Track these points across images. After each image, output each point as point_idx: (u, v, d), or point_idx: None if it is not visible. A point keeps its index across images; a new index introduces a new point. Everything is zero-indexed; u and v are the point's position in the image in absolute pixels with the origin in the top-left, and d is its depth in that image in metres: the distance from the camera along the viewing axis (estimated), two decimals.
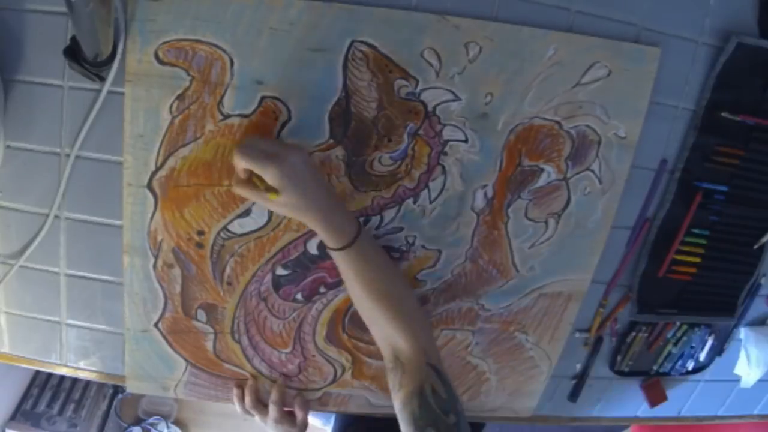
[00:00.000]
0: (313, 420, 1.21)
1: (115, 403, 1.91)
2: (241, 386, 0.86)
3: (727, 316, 0.91)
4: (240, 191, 0.67)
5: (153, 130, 0.69)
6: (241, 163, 0.63)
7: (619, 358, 0.92)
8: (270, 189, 0.63)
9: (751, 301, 0.91)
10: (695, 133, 0.77)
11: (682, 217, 0.81)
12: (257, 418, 0.86)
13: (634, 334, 0.90)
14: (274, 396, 0.84)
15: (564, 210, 0.79)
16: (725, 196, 0.81)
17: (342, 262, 0.70)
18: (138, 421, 1.96)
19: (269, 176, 0.61)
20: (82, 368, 0.85)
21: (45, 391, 1.81)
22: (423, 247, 0.79)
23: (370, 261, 0.70)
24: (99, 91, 0.68)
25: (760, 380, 0.97)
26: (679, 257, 0.84)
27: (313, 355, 0.85)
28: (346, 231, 0.67)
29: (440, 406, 0.65)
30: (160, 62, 0.66)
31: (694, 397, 1.00)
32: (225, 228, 0.75)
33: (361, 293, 0.71)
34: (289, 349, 0.84)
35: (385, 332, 0.71)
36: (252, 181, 0.66)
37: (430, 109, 0.71)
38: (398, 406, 0.67)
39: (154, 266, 0.77)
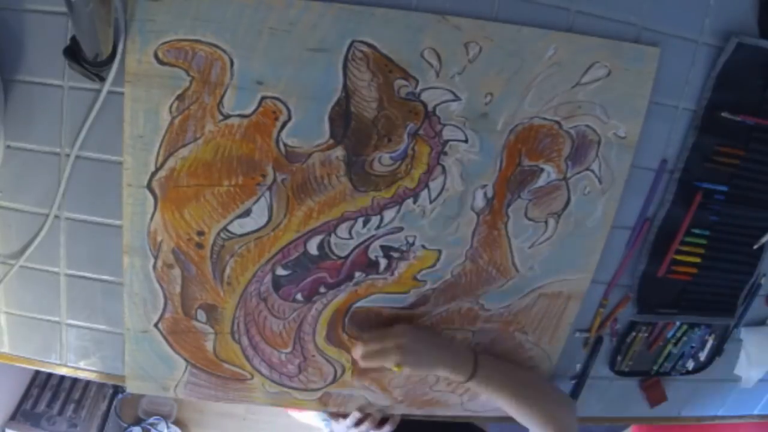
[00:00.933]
0: (313, 420, 1.21)
1: (115, 403, 1.91)
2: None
3: (727, 316, 0.91)
4: (368, 363, 0.79)
5: (153, 131, 0.69)
6: (371, 366, 0.80)
7: (619, 358, 0.92)
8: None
9: (751, 301, 0.91)
10: (695, 133, 0.77)
11: (682, 217, 0.81)
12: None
13: (634, 334, 0.90)
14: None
15: (564, 210, 0.79)
16: (725, 196, 0.81)
17: (476, 388, 0.81)
18: (138, 421, 1.96)
19: (392, 365, 0.77)
20: (82, 368, 0.85)
21: (45, 391, 1.81)
22: (423, 247, 0.79)
23: (499, 380, 0.81)
24: (99, 91, 0.68)
25: (760, 380, 0.97)
26: (679, 257, 0.84)
27: (313, 355, 0.85)
28: (466, 365, 0.80)
29: None
30: (160, 62, 0.66)
31: (694, 397, 1.00)
32: (225, 228, 0.75)
33: (502, 404, 0.82)
34: (289, 349, 0.84)
35: (532, 427, 0.82)
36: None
37: (430, 109, 0.71)
38: None
39: (154, 266, 0.77)
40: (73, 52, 0.61)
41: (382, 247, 0.78)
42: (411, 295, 0.82)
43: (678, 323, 0.91)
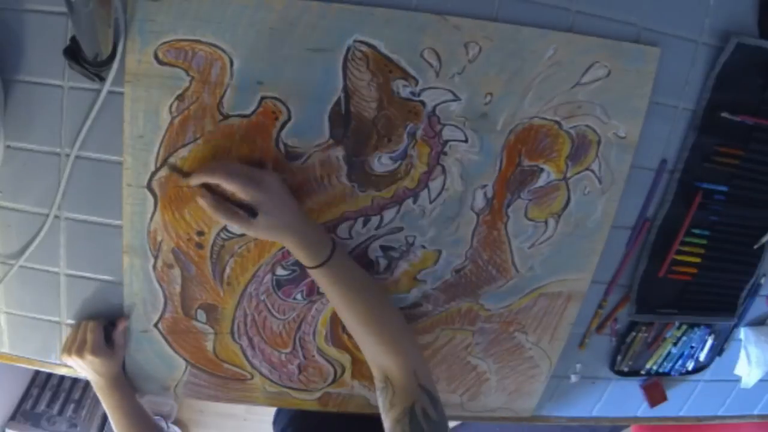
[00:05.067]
0: None
1: None
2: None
3: (727, 316, 0.91)
4: (217, 215, 0.67)
5: (153, 131, 0.69)
6: (223, 184, 0.65)
7: (619, 358, 0.92)
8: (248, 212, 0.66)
9: (751, 301, 0.91)
10: (695, 133, 0.77)
11: (682, 217, 0.81)
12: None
13: (634, 334, 0.90)
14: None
15: (564, 210, 0.79)
16: (725, 196, 0.81)
17: (320, 280, 0.71)
18: None
19: (251, 197, 0.65)
20: None
21: (45, 391, 1.81)
22: (423, 247, 0.79)
23: (347, 279, 0.72)
24: (99, 91, 0.68)
25: (760, 380, 0.97)
26: (679, 257, 0.84)
27: (313, 356, 0.85)
28: (321, 250, 0.70)
29: (431, 428, 0.65)
30: (160, 62, 0.66)
31: (694, 397, 1.00)
32: (225, 228, 0.75)
33: (343, 313, 0.72)
34: (288, 350, 0.84)
35: (373, 352, 0.71)
36: (226, 205, 0.68)
37: (430, 109, 0.71)
38: (389, 425, 0.67)
39: (154, 266, 0.77)
40: (73, 52, 0.61)
41: (382, 247, 0.78)
42: (411, 295, 0.82)
43: (678, 323, 0.91)
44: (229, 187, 0.65)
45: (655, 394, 0.96)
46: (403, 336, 0.72)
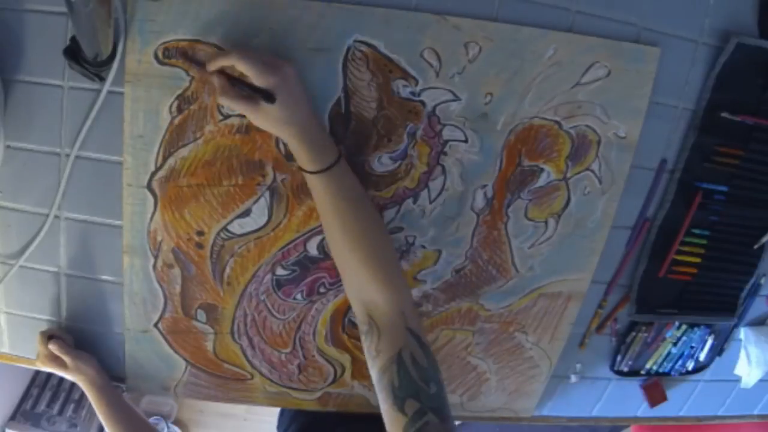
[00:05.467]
0: None
1: None
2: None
3: (727, 316, 0.91)
4: (226, 100, 0.63)
5: (153, 131, 0.69)
6: (240, 65, 0.60)
7: (619, 358, 0.92)
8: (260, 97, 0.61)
9: (751, 301, 0.91)
10: (695, 133, 0.77)
11: (682, 217, 0.81)
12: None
13: (634, 334, 0.90)
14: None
15: (564, 210, 0.79)
16: (725, 196, 0.81)
17: (317, 188, 0.66)
18: None
19: (266, 82, 0.60)
20: None
21: (45, 391, 1.81)
22: (423, 247, 0.79)
23: (347, 193, 0.66)
24: (99, 91, 0.68)
25: (760, 380, 0.97)
26: (679, 257, 0.84)
27: (313, 356, 0.85)
28: (326, 154, 0.64)
29: (421, 376, 0.59)
30: (160, 62, 0.66)
31: (694, 397, 1.00)
32: (225, 228, 0.75)
33: (334, 230, 0.66)
34: (288, 350, 0.84)
35: (359, 282, 0.65)
36: (236, 89, 0.63)
37: (430, 109, 0.71)
38: (375, 375, 0.62)
39: (154, 266, 0.77)
40: (73, 52, 0.61)
41: None
42: None
43: (678, 323, 0.91)
44: (245, 69, 0.60)
45: (655, 394, 0.96)
46: (394, 269, 0.66)
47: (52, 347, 0.77)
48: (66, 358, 0.78)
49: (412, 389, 0.59)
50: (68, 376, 0.80)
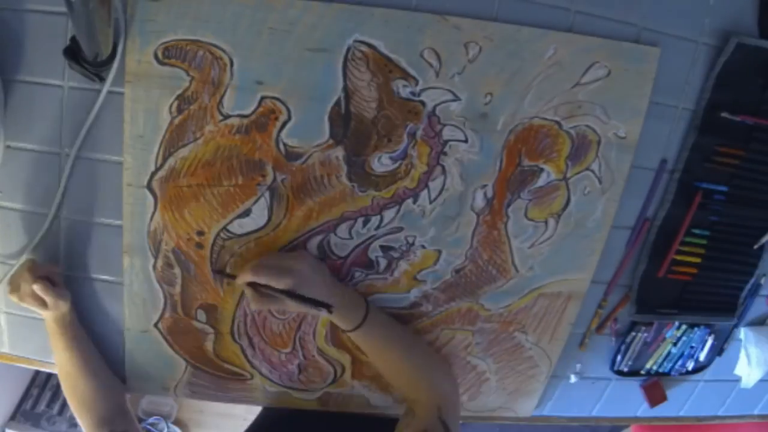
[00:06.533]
0: None
1: None
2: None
3: (727, 316, 0.91)
4: (258, 306, 0.73)
5: (153, 131, 0.69)
6: (260, 280, 0.70)
7: (619, 358, 0.92)
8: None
9: (751, 301, 0.91)
10: (695, 133, 0.77)
11: (682, 217, 0.81)
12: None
13: (634, 334, 0.90)
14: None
15: (564, 210, 0.79)
16: (725, 196, 0.81)
17: (357, 339, 0.78)
18: (138, 421, 1.96)
19: (285, 285, 0.69)
20: None
21: (45, 391, 1.82)
22: (423, 247, 0.79)
23: (382, 335, 0.79)
24: (99, 91, 0.68)
25: (760, 380, 0.97)
26: (679, 257, 0.84)
27: (313, 356, 0.85)
28: (356, 313, 0.76)
29: None
30: (160, 62, 0.66)
31: (694, 397, 1.00)
32: (225, 228, 0.75)
33: (379, 363, 0.81)
34: (288, 350, 0.84)
35: (403, 390, 0.80)
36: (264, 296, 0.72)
37: (430, 109, 0.71)
38: None
39: (154, 266, 0.77)
40: (73, 52, 0.61)
41: (382, 247, 0.78)
42: (411, 295, 0.82)
43: (678, 323, 0.91)
44: (263, 282, 0.70)
45: (655, 394, 0.96)
46: (434, 374, 0.80)
47: (37, 288, 0.71)
48: (48, 299, 0.72)
49: None
50: (41, 312, 0.74)
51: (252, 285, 0.71)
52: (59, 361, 0.79)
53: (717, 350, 0.95)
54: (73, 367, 0.78)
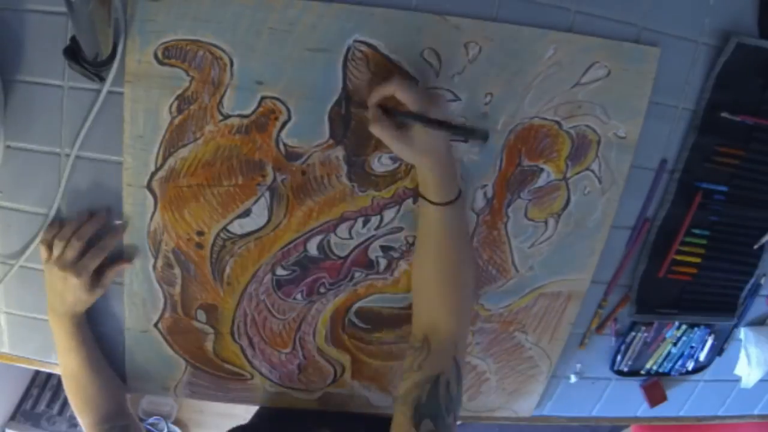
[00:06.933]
0: None
1: None
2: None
3: (727, 316, 0.91)
4: (377, 129, 0.64)
5: (153, 131, 0.69)
6: (399, 95, 0.62)
7: (619, 358, 0.92)
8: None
9: (751, 301, 0.91)
10: (695, 133, 0.77)
11: (682, 217, 0.81)
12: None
13: (634, 334, 0.90)
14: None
15: (564, 210, 0.79)
16: (725, 196, 0.81)
17: (431, 218, 0.68)
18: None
19: (434, 113, 0.61)
20: None
21: (45, 391, 1.82)
22: None
23: (456, 230, 0.69)
24: (99, 91, 0.68)
25: (760, 380, 0.97)
26: (679, 257, 0.84)
27: (313, 356, 0.85)
28: (452, 189, 0.67)
29: (446, 404, 0.63)
30: (160, 62, 0.66)
31: (694, 397, 1.00)
32: (225, 228, 0.75)
33: (430, 258, 0.70)
34: (288, 350, 0.84)
35: (430, 305, 0.70)
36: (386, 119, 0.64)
37: None
38: (406, 386, 0.65)
39: (154, 266, 0.77)
40: (73, 52, 0.61)
41: (382, 247, 0.78)
42: (411, 295, 0.82)
43: (678, 323, 0.91)
44: (404, 96, 0.61)
45: (655, 394, 0.96)
46: (467, 305, 0.73)
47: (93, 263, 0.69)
48: (105, 281, 0.72)
49: (434, 412, 0.62)
50: (69, 297, 0.71)
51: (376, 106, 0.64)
52: (64, 361, 0.78)
53: (717, 350, 0.95)
54: (79, 367, 0.77)
